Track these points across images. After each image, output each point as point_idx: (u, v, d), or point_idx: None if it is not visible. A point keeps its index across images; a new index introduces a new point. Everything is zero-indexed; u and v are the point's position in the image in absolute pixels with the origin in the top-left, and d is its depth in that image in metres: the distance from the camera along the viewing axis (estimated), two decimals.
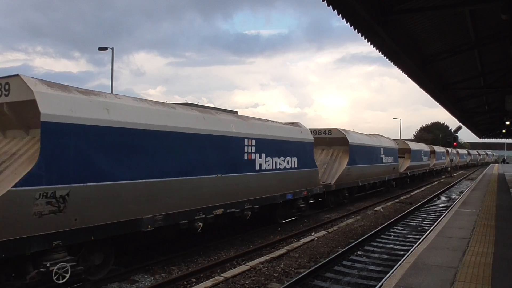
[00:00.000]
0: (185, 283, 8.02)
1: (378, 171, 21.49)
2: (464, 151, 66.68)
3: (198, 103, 11.96)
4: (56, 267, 6.40)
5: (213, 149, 9.75)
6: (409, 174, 28.83)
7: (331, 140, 18.00)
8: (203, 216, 9.33)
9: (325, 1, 7.80)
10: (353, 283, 7.99)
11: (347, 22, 8.93)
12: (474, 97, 22.28)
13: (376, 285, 7.05)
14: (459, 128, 41.36)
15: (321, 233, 12.07)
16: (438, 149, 41.66)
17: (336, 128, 18.07)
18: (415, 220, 15.22)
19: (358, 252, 10.26)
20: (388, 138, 25.40)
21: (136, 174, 7.73)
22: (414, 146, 30.79)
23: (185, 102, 12.14)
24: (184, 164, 8.86)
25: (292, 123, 14.45)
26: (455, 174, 46.80)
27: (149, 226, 7.97)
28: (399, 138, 47.54)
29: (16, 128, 7.13)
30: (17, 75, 6.65)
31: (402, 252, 10.04)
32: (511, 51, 10.93)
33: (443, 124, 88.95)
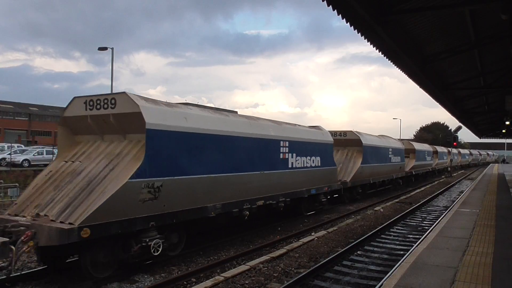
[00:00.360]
0: (185, 283, 8.02)
1: (387, 170, 23.16)
2: (466, 151, 69.07)
3: (198, 103, 12.11)
4: (153, 242, 8.18)
5: (257, 149, 11.48)
6: (414, 173, 30.21)
7: (346, 141, 19.72)
8: (249, 206, 11.00)
9: (325, 1, 7.80)
10: (353, 283, 7.99)
11: (347, 22, 8.94)
12: (474, 97, 22.30)
13: (376, 285, 7.06)
14: (459, 128, 41.57)
15: (321, 233, 12.07)
16: (440, 149, 43.27)
17: (351, 131, 20.22)
18: (415, 220, 15.23)
19: (358, 252, 10.26)
20: (395, 139, 27.78)
21: (203, 170, 9.44)
22: (418, 146, 32.36)
23: (185, 102, 12.19)
24: (236, 162, 10.58)
25: (314, 127, 16.31)
26: (455, 174, 46.80)
27: (212, 213, 9.74)
28: (399, 138, 47.53)
29: (114, 134, 8.92)
30: (124, 92, 8.49)
31: (402, 252, 10.04)
32: (511, 51, 10.93)
33: (443, 124, 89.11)
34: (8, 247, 6.58)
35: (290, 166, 13.11)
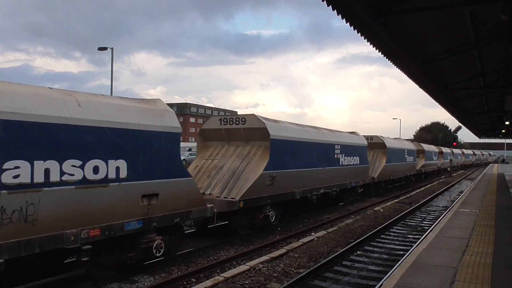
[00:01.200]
0: (184, 283, 8.02)
1: (404, 168, 27.42)
2: (469, 151, 73.96)
3: (198, 103, 12.35)
4: (270, 213, 12.15)
5: (321, 151, 15.50)
6: (423, 171, 34.39)
7: (372, 144, 23.60)
8: (316, 193, 14.84)
9: (324, 1, 7.80)
10: (353, 283, 7.99)
11: (346, 22, 8.94)
12: (473, 97, 22.30)
13: (375, 285, 7.06)
14: (458, 128, 41.78)
15: (321, 233, 12.07)
16: (445, 150, 46.78)
17: (377, 135, 24.22)
18: (414, 220, 15.23)
19: (358, 252, 10.26)
20: (408, 141, 33.16)
21: (295, 166, 13.47)
22: (427, 147, 36.68)
23: (184, 102, 12.34)
24: (310, 160, 14.60)
25: (352, 132, 20.30)
26: (454, 174, 46.81)
27: (298, 196, 13.58)
28: (398, 138, 47.62)
29: (239, 141, 12.97)
30: (253, 114, 12.76)
31: (401, 252, 10.04)
32: (511, 51, 10.92)
33: (443, 124, 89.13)
34: (212, 209, 9.87)
35: (340, 164, 17.21)
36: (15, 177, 5.87)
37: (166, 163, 8.41)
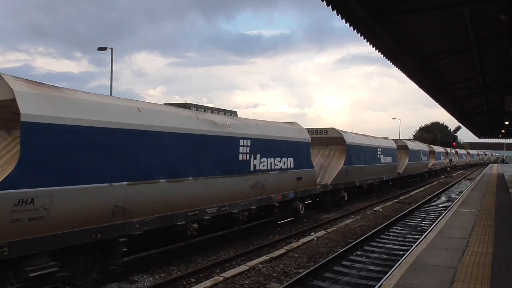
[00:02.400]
0: (184, 283, 8.02)
1: (419, 167, 32.55)
2: (474, 151, 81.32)
3: (198, 103, 12.16)
4: (344, 195, 17.89)
5: (370, 152, 20.59)
6: (433, 169, 39.55)
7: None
8: (366, 183, 20.08)
9: (324, 1, 7.80)
10: (353, 283, 7.98)
11: (346, 22, 8.93)
12: (473, 97, 22.29)
13: (375, 285, 7.06)
14: (458, 128, 41.92)
15: (321, 233, 12.07)
16: (450, 150, 49.90)
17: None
18: (414, 220, 15.23)
19: (358, 252, 10.26)
20: (424, 144, 37.77)
21: (358, 163, 18.71)
22: (436, 149, 41.52)
23: (184, 102, 12.21)
24: (364, 159, 19.73)
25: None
26: (454, 174, 46.81)
27: (357, 184, 18.91)
28: (398, 138, 47.68)
29: (321, 145, 18.29)
30: (333, 127, 18.52)
31: (401, 252, 10.04)
32: (510, 51, 10.92)
33: (442, 124, 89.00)
34: (319, 189, 15.70)
35: (380, 162, 22.49)
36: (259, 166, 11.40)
37: (306, 159, 14.10)
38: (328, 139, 18.49)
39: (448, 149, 46.14)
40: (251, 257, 9.78)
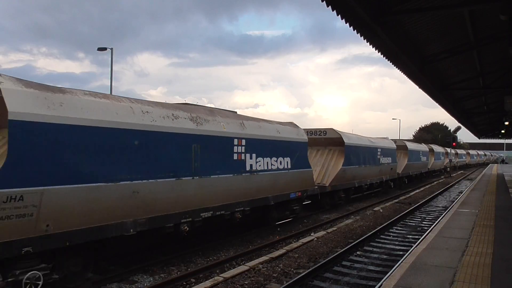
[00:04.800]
0: (184, 283, 8.02)
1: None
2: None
3: (198, 103, 12.02)
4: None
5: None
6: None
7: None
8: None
9: (324, 1, 7.80)
10: (352, 283, 7.99)
11: (346, 22, 8.92)
12: (473, 98, 22.30)
13: (375, 286, 7.05)
14: (458, 128, 41.93)
15: (321, 233, 12.07)
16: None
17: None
18: (414, 220, 15.23)
19: (358, 253, 10.26)
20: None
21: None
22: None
23: (184, 102, 12.16)
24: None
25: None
26: (454, 174, 46.82)
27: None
28: (398, 138, 47.77)
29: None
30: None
31: (401, 253, 10.04)
32: (510, 52, 10.92)
33: (442, 124, 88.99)
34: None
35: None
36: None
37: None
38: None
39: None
40: (251, 257, 9.78)
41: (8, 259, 6.10)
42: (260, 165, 11.40)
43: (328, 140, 18.33)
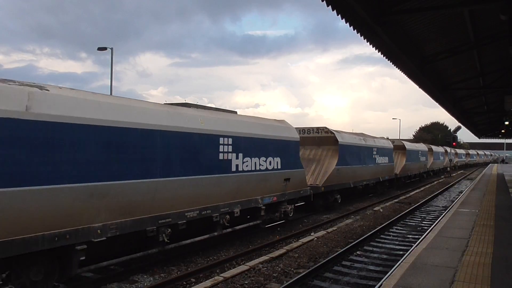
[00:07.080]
0: (184, 283, 8.02)
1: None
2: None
3: (198, 103, 11.93)
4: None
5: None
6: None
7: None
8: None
9: (324, 1, 7.80)
10: (353, 283, 7.99)
11: (346, 22, 8.93)
12: (473, 97, 22.31)
13: (375, 285, 7.06)
14: (458, 128, 41.90)
15: (321, 233, 12.07)
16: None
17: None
18: (414, 220, 15.23)
19: (358, 252, 10.26)
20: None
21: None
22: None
23: (184, 102, 12.15)
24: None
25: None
26: (454, 174, 46.82)
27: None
28: (398, 138, 47.79)
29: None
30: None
31: (401, 252, 10.04)
32: (510, 52, 10.92)
33: (442, 124, 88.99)
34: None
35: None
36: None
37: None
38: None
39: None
40: (251, 257, 9.78)
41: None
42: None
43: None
